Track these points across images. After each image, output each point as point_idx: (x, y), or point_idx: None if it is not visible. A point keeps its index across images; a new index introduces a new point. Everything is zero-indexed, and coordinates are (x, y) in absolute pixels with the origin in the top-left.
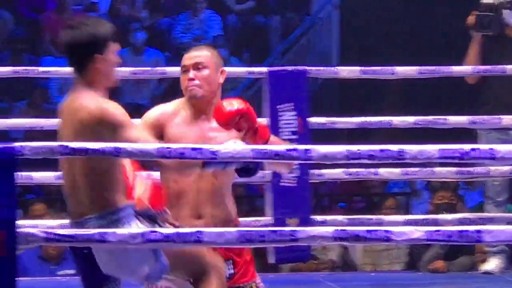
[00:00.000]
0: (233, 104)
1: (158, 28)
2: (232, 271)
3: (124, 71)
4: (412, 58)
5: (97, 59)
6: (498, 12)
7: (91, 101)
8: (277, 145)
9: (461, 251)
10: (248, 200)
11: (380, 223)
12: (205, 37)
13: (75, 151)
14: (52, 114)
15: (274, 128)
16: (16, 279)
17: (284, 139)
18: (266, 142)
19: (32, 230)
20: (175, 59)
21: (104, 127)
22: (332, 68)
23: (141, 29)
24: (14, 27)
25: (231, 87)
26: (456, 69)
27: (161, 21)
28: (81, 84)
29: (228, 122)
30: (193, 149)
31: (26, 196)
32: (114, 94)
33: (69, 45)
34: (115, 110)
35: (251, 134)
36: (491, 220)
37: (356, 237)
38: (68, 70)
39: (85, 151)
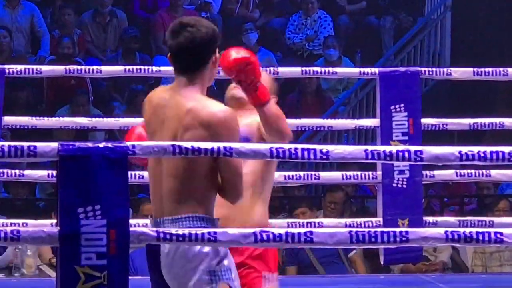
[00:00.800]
0: (241, 53)
1: (270, 28)
2: None
3: None
4: None
5: (215, 59)
6: None
7: (216, 106)
8: (388, 146)
9: None
10: (359, 201)
11: (491, 225)
12: (317, 37)
13: (187, 150)
14: None
15: (387, 129)
16: (128, 277)
17: (396, 141)
18: (263, 104)
19: (144, 229)
20: (287, 59)
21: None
22: (445, 69)
23: (254, 29)
24: (127, 26)
25: (343, 87)
26: None
27: (273, 21)
28: (188, 85)
29: (232, 68)
30: (305, 149)
31: (138, 195)
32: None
33: (189, 43)
34: (233, 124)
35: (251, 90)
36: None
37: (468, 239)
38: None
39: (198, 151)
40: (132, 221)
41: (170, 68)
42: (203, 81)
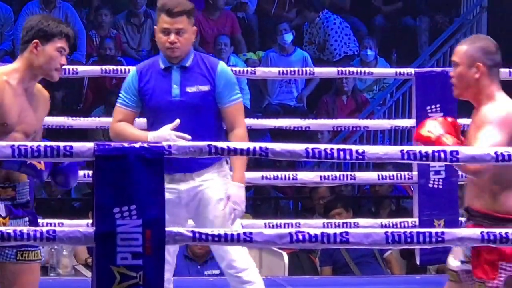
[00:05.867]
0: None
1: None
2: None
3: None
4: None
5: (34, 45)
6: None
7: None
8: (424, 147)
9: None
10: (395, 201)
11: None
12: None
13: (223, 150)
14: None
15: None
16: (163, 278)
17: None
18: None
19: (179, 230)
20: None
21: None
22: None
23: (289, 29)
24: None
25: (379, 87)
26: None
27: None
28: (16, 62)
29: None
30: (340, 149)
31: None
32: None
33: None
34: None
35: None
36: None
37: (504, 239)
38: None
39: (234, 151)
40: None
41: None
42: (26, 63)
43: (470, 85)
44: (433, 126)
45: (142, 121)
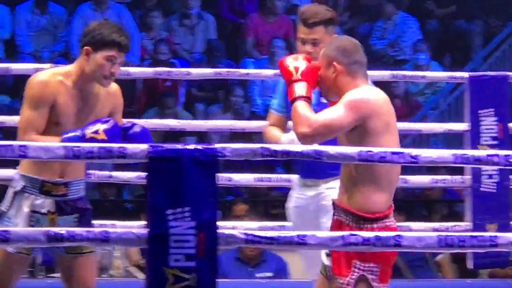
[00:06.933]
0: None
1: (358, 33)
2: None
3: None
4: None
5: (85, 51)
6: None
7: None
8: (477, 151)
9: None
10: (448, 205)
11: None
12: (400, 41)
13: (276, 153)
14: (253, 116)
15: (475, 133)
16: (216, 280)
17: (485, 145)
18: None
19: (232, 232)
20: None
21: None
22: None
23: (341, 33)
24: (216, 30)
25: (432, 91)
26: None
27: (361, 25)
28: (72, 65)
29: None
30: (394, 152)
31: (226, 198)
32: None
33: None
34: (31, 86)
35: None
36: None
37: None
38: (269, 72)
39: (287, 153)
40: (219, 224)
41: (258, 71)
42: (78, 64)
43: (331, 85)
44: (302, 66)
45: None
